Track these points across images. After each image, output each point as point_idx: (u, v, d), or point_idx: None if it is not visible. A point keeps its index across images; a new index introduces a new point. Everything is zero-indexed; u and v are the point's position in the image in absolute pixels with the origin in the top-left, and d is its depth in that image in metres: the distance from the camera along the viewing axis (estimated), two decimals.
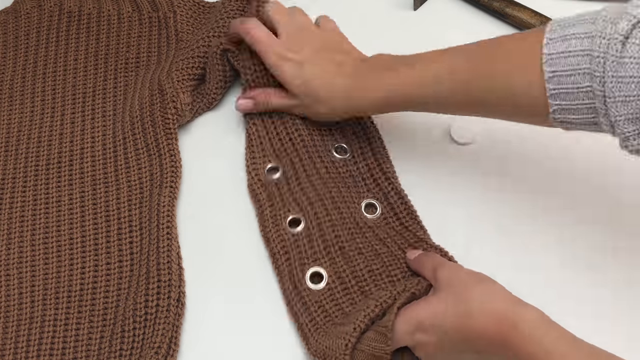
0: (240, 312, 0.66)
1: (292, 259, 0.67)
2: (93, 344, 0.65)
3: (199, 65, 0.80)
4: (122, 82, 0.83)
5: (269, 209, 0.70)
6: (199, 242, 0.71)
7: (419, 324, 0.56)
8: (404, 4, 0.88)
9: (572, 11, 0.84)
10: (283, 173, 0.73)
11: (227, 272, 0.69)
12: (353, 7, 0.89)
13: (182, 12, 0.88)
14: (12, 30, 0.89)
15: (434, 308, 0.55)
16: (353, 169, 0.73)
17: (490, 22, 0.86)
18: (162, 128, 0.76)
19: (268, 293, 0.67)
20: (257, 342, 0.64)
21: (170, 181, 0.72)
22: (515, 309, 0.52)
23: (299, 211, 0.69)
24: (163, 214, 0.70)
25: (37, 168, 0.76)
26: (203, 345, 0.65)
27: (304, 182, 0.72)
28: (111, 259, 0.69)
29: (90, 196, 0.74)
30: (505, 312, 0.52)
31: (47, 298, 0.68)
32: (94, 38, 0.87)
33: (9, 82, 0.84)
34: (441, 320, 0.54)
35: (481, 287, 0.55)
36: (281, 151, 0.74)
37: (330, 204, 0.69)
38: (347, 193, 0.70)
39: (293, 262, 0.66)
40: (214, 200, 0.74)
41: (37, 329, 0.66)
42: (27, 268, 0.70)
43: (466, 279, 0.56)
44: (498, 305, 0.53)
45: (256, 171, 0.73)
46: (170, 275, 0.65)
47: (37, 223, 0.73)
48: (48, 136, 0.79)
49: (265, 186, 0.72)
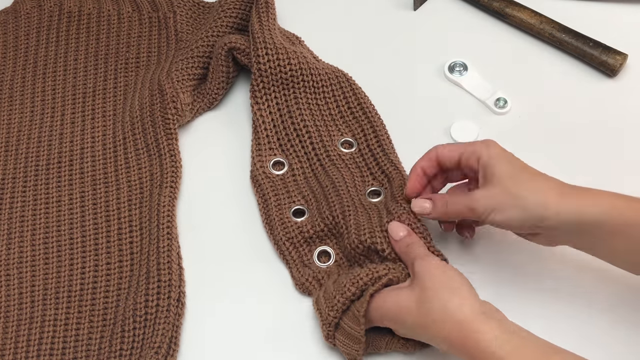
0: (240, 312, 0.66)
1: (298, 244, 0.68)
2: (93, 344, 0.64)
3: (199, 65, 0.80)
4: (122, 82, 0.83)
5: (273, 198, 0.71)
6: (199, 242, 0.71)
7: (385, 314, 0.57)
8: (404, 4, 0.88)
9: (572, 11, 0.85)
10: (289, 166, 0.73)
11: (227, 272, 0.69)
12: (353, 7, 0.89)
13: (182, 12, 0.88)
14: (12, 30, 0.89)
15: (401, 302, 0.56)
16: (359, 161, 0.73)
17: (490, 22, 0.86)
18: (162, 128, 0.76)
19: (268, 293, 0.67)
20: (257, 342, 0.64)
21: (170, 181, 0.72)
22: (477, 325, 0.52)
23: (304, 203, 0.70)
24: (163, 214, 0.69)
25: (37, 168, 0.76)
26: (203, 345, 0.64)
27: (309, 176, 0.72)
28: (111, 259, 0.69)
29: (90, 196, 0.74)
30: (467, 326, 0.52)
31: (47, 298, 0.68)
32: (94, 38, 0.87)
33: (9, 82, 0.84)
34: (405, 315, 0.56)
35: (448, 292, 0.55)
36: (288, 145, 0.75)
37: (331, 190, 0.69)
38: (352, 181, 0.70)
39: (299, 246, 0.68)
40: (214, 200, 0.74)
41: (37, 329, 0.66)
42: (27, 268, 0.70)
43: (437, 278, 0.56)
44: (461, 317, 0.53)
45: (261, 162, 0.74)
46: (170, 275, 0.65)
47: (37, 223, 0.73)
48: (48, 136, 0.79)
49: (269, 177, 0.73)
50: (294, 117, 0.76)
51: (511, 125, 0.77)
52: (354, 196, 0.69)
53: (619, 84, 0.79)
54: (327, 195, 0.69)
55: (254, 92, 0.77)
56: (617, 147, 0.74)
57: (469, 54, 0.82)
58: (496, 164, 0.59)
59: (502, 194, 0.58)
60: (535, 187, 0.57)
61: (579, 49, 0.79)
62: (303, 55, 0.77)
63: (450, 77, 0.81)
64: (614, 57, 0.78)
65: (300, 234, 0.68)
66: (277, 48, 0.76)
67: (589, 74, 0.80)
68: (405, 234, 0.63)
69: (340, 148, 0.74)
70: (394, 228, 0.63)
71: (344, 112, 0.77)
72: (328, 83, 0.78)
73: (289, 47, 0.77)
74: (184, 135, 0.79)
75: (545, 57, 0.82)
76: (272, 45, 0.76)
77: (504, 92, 0.78)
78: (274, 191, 0.72)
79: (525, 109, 0.77)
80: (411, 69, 0.82)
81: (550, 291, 0.65)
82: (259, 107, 0.77)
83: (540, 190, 0.57)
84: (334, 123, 0.76)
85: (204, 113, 0.81)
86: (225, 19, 0.82)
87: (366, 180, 0.71)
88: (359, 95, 0.77)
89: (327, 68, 0.79)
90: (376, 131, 0.74)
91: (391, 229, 0.63)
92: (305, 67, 0.76)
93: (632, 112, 0.76)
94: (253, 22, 0.77)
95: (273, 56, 0.75)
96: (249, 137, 0.78)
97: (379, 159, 0.72)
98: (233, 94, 0.82)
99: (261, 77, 0.76)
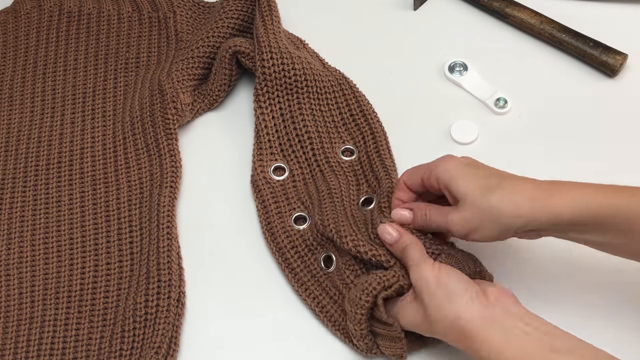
0: (240, 312, 0.66)
1: (302, 252, 0.68)
2: (93, 344, 0.64)
3: (199, 66, 0.80)
4: (122, 82, 0.83)
5: (274, 205, 0.71)
6: (199, 242, 0.71)
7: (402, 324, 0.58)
8: (404, 4, 0.88)
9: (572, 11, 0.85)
10: (290, 172, 0.73)
11: (227, 272, 0.69)
12: (353, 7, 0.89)
13: (182, 12, 0.88)
14: (12, 30, 0.89)
15: (408, 318, 0.57)
16: (357, 170, 0.73)
17: (490, 22, 0.86)
18: (162, 128, 0.76)
19: (268, 293, 0.67)
20: (257, 342, 0.64)
21: (170, 181, 0.72)
22: (474, 335, 0.52)
23: (304, 209, 0.70)
24: (163, 214, 0.69)
25: (37, 168, 0.76)
26: (203, 345, 0.64)
27: (309, 183, 0.72)
28: (111, 259, 0.69)
29: (90, 196, 0.74)
30: (466, 336, 0.52)
31: (47, 298, 0.68)
32: (94, 38, 0.87)
33: (9, 82, 0.84)
34: (417, 328, 0.57)
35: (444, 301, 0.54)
36: (289, 151, 0.75)
37: (327, 198, 0.69)
38: (347, 190, 0.70)
39: (304, 255, 0.68)
40: (214, 200, 0.74)
41: (37, 329, 0.66)
42: (27, 268, 0.70)
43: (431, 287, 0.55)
44: (459, 326, 0.53)
45: (262, 167, 0.74)
46: (170, 275, 0.65)
47: (37, 223, 0.73)
48: (48, 136, 0.79)
49: (269, 183, 0.72)
50: (297, 122, 0.76)
51: (511, 125, 0.77)
52: (346, 206, 0.68)
53: (619, 84, 0.79)
54: (322, 203, 0.69)
55: (257, 96, 0.76)
56: (617, 147, 0.74)
57: (469, 54, 0.82)
58: (458, 182, 0.57)
59: (475, 214, 0.56)
60: (505, 198, 0.56)
61: (579, 49, 0.79)
62: (307, 60, 0.77)
63: (450, 77, 0.81)
64: (614, 57, 0.78)
65: (303, 242, 0.68)
66: (282, 53, 0.76)
67: (589, 74, 0.80)
68: (396, 234, 0.61)
69: (341, 155, 0.74)
70: (383, 231, 0.62)
71: (346, 119, 0.77)
72: (331, 90, 0.78)
73: (294, 52, 0.77)
74: (184, 135, 0.79)
75: (545, 57, 0.82)
76: (277, 50, 0.75)
77: (504, 92, 0.78)
78: (273, 198, 0.71)
79: (525, 109, 0.77)
80: (411, 69, 0.82)
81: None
82: (262, 111, 0.76)
83: (511, 200, 0.55)
84: (336, 130, 0.76)
85: (204, 113, 0.81)
86: (226, 20, 0.82)
87: (361, 189, 0.71)
88: (361, 102, 0.77)
89: (330, 74, 0.79)
90: (376, 139, 0.74)
91: (380, 232, 0.62)
92: (309, 73, 0.76)
93: (632, 112, 0.76)
94: (258, 25, 0.77)
95: (278, 60, 0.75)
96: (249, 138, 0.78)
97: (375, 167, 0.72)
98: (234, 94, 0.82)
99: (265, 82, 0.76)
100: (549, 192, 0.55)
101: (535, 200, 0.55)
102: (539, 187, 0.56)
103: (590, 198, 0.54)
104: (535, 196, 0.55)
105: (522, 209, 0.55)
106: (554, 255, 0.67)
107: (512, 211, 0.55)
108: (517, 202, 0.55)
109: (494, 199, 0.56)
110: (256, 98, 0.76)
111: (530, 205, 0.55)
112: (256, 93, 0.76)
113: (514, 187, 0.56)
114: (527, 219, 0.55)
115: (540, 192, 0.56)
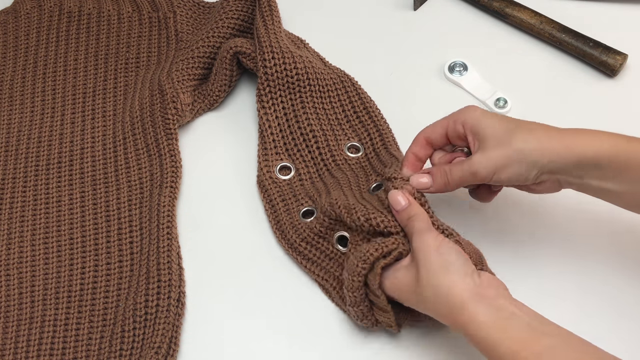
0: (241, 312, 0.66)
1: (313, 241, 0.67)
2: (93, 344, 0.65)
3: (199, 66, 0.80)
4: (122, 82, 0.83)
5: (282, 204, 0.71)
6: (199, 241, 0.71)
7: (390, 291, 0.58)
8: (404, 4, 0.88)
9: (572, 11, 0.85)
10: (296, 171, 0.73)
11: (227, 271, 0.69)
12: (353, 8, 0.89)
13: (182, 12, 0.88)
14: (12, 30, 0.89)
15: (401, 280, 0.57)
16: (366, 165, 0.73)
17: (490, 22, 0.86)
18: (162, 128, 0.76)
19: (268, 292, 0.67)
20: (257, 342, 0.64)
21: (170, 181, 0.72)
22: (466, 309, 0.52)
23: (312, 204, 0.70)
24: (163, 214, 0.70)
25: (37, 168, 0.76)
26: (203, 345, 0.65)
27: (316, 180, 0.73)
28: (111, 259, 0.69)
29: (90, 196, 0.74)
30: (457, 310, 0.53)
31: (47, 298, 0.68)
32: (94, 38, 0.87)
33: (9, 82, 0.84)
34: (406, 294, 0.57)
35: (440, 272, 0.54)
36: (294, 150, 0.75)
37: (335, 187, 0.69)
38: (355, 181, 0.70)
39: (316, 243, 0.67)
40: (214, 200, 0.74)
41: (37, 329, 0.66)
42: (27, 268, 0.70)
43: (431, 256, 0.55)
44: (450, 300, 0.53)
45: (268, 167, 0.74)
46: (170, 275, 0.65)
47: (37, 223, 0.73)
48: (48, 136, 0.79)
49: (275, 182, 0.72)
50: (301, 121, 0.76)
51: None
52: (355, 192, 0.68)
53: (619, 84, 0.79)
54: (330, 192, 0.69)
55: (260, 96, 0.76)
56: None
57: (469, 54, 0.82)
58: (485, 124, 0.59)
59: (501, 152, 0.58)
60: (530, 136, 0.58)
61: (579, 49, 0.79)
62: (309, 59, 0.77)
63: (450, 77, 0.81)
64: (614, 57, 0.78)
65: (312, 232, 0.68)
66: (284, 52, 0.76)
67: (589, 74, 0.80)
68: (406, 203, 0.61)
69: (347, 153, 0.74)
70: (394, 197, 0.61)
71: (350, 116, 0.77)
72: (334, 87, 0.78)
73: (295, 52, 0.77)
74: (184, 136, 0.79)
75: (545, 57, 0.82)
76: (279, 49, 0.75)
77: (504, 92, 0.78)
78: (281, 197, 0.71)
79: (525, 109, 0.77)
80: (411, 69, 0.82)
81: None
82: (266, 111, 0.76)
83: (535, 138, 0.57)
84: (341, 127, 0.76)
85: (204, 113, 0.81)
86: (227, 21, 0.82)
87: (370, 179, 0.71)
88: (364, 99, 0.77)
89: (332, 72, 0.79)
90: (382, 135, 0.74)
91: (391, 198, 0.61)
92: (311, 72, 0.76)
93: (632, 112, 0.76)
94: (258, 25, 0.77)
95: (279, 60, 0.75)
96: (250, 138, 0.78)
97: (383, 159, 0.72)
98: (234, 94, 0.82)
99: (267, 82, 0.76)
100: (573, 134, 0.58)
101: (560, 140, 0.57)
102: (562, 130, 0.58)
103: (614, 142, 0.57)
104: (560, 136, 0.57)
105: (547, 147, 0.57)
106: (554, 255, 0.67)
107: (537, 149, 0.57)
108: (542, 140, 0.57)
109: (520, 138, 0.57)
110: (259, 98, 0.76)
111: (556, 144, 0.57)
112: (259, 93, 0.76)
113: (539, 127, 0.59)
114: (551, 158, 0.57)
115: (565, 133, 0.58)
